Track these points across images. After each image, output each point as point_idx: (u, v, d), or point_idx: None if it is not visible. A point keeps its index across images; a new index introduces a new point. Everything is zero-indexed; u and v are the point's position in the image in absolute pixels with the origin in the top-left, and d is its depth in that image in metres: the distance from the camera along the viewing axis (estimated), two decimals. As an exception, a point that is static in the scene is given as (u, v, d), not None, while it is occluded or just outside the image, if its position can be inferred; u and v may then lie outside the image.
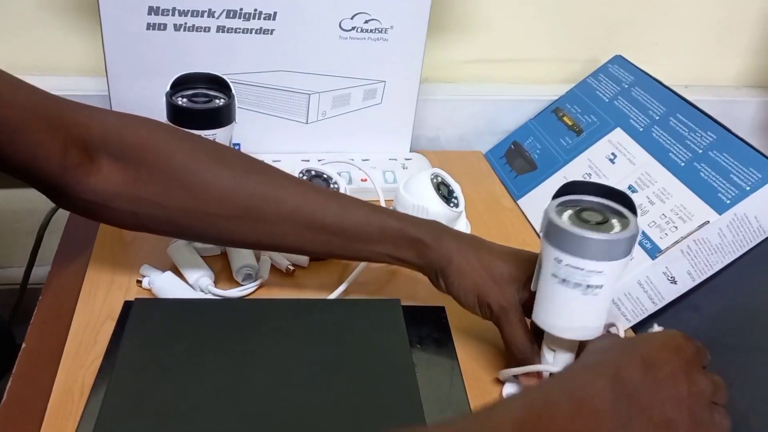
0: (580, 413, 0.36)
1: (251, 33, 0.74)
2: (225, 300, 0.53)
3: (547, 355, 0.51)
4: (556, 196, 0.51)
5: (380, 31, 0.77)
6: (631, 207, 0.50)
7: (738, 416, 0.56)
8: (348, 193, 0.65)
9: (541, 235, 0.49)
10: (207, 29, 0.72)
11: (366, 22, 0.76)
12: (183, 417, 0.40)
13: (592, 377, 0.38)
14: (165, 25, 0.71)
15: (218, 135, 0.63)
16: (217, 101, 0.63)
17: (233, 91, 0.64)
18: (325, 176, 0.68)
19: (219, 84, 0.64)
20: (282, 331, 0.47)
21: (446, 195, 0.68)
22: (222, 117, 0.63)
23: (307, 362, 0.44)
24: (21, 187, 0.92)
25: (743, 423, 0.55)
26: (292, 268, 0.65)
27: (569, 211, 0.48)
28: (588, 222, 0.47)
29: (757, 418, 0.55)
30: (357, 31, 0.76)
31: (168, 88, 0.63)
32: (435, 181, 0.68)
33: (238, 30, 0.73)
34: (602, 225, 0.47)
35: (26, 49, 0.85)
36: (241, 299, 0.54)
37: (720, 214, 0.64)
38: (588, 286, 0.46)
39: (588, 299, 0.47)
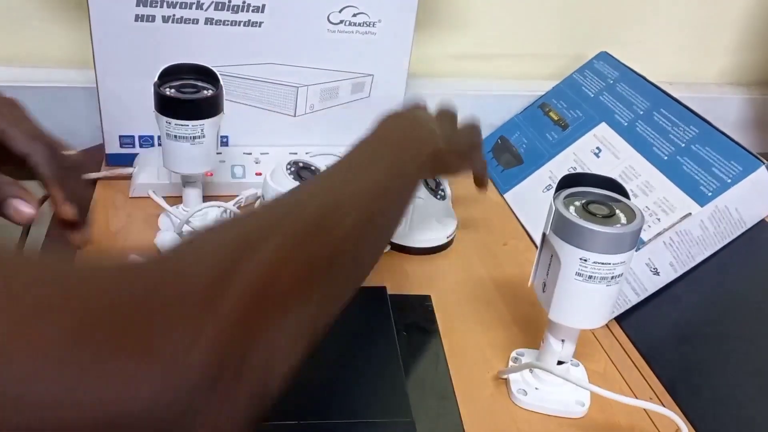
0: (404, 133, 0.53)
1: (239, 25, 0.74)
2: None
3: (555, 345, 0.52)
4: (558, 189, 0.51)
5: (368, 25, 0.77)
6: (623, 192, 0.50)
7: (719, 405, 0.57)
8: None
9: (548, 235, 0.49)
10: (195, 21, 0.72)
11: (354, 15, 0.76)
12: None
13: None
14: (153, 17, 0.71)
15: (206, 125, 0.63)
16: (205, 92, 0.63)
17: (221, 81, 0.64)
18: (313, 168, 0.69)
19: (207, 75, 0.65)
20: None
21: (433, 187, 0.69)
22: (209, 107, 0.63)
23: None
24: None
25: (725, 411, 0.56)
26: None
27: (572, 207, 0.48)
28: (595, 215, 0.47)
29: (737, 406, 0.56)
30: (345, 25, 0.77)
31: (156, 79, 0.63)
32: None
33: (226, 22, 0.73)
34: (611, 217, 0.47)
35: (13, 40, 0.84)
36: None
37: (702, 207, 0.65)
38: (612, 278, 0.47)
39: (610, 289, 0.48)
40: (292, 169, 0.68)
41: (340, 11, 0.76)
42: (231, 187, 0.76)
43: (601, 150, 0.79)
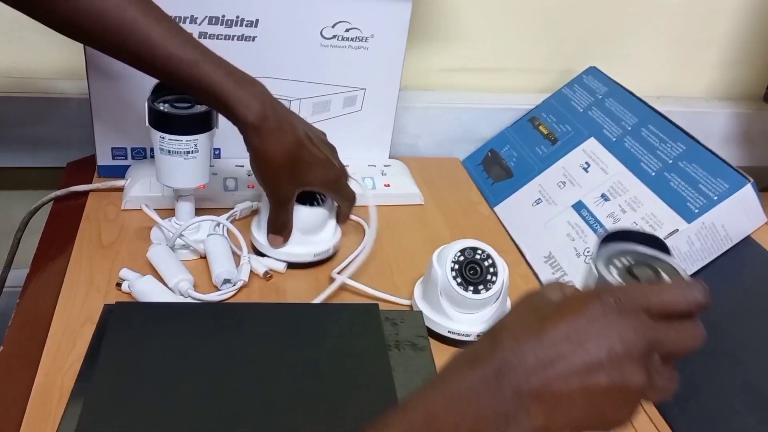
0: (464, 422, 0.32)
1: (233, 39, 0.74)
2: (205, 304, 0.54)
3: None
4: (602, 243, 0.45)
5: (361, 40, 0.78)
6: (665, 248, 0.45)
7: (706, 420, 0.58)
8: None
9: None
10: (189, 35, 0.73)
11: (347, 30, 0.77)
12: (163, 419, 0.40)
13: (471, 377, 0.33)
14: (147, 30, 0.71)
15: (199, 140, 0.63)
16: (199, 107, 0.63)
17: None
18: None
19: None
20: (262, 334, 0.48)
21: (472, 276, 0.60)
22: (203, 122, 0.63)
23: (285, 366, 0.45)
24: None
25: (712, 427, 0.57)
26: (270, 273, 0.66)
27: (613, 268, 0.43)
28: (640, 279, 0.42)
29: (724, 422, 0.57)
30: (338, 39, 0.77)
31: (150, 94, 0.63)
32: (461, 258, 0.61)
33: (220, 36, 0.74)
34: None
35: (6, 50, 0.84)
36: (221, 303, 0.54)
37: (689, 223, 0.66)
38: None
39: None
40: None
41: (333, 26, 0.76)
42: (224, 199, 0.76)
43: (590, 165, 0.80)
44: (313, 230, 0.68)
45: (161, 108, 0.62)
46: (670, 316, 0.34)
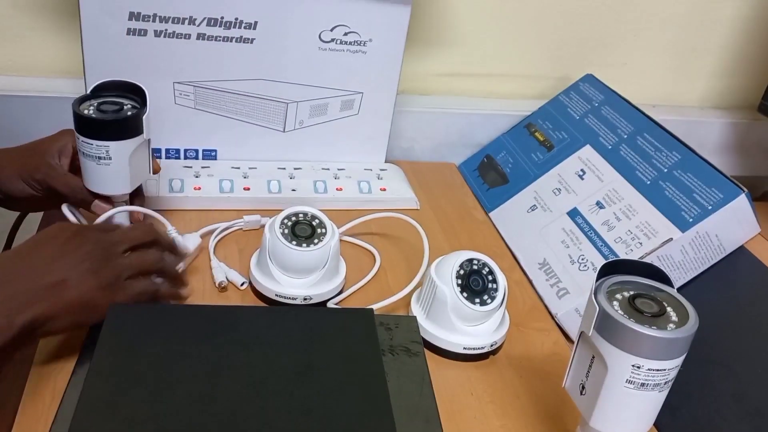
0: None
1: (231, 41, 0.74)
2: (201, 306, 0.54)
3: None
4: (599, 276, 0.45)
5: (359, 44, 0.78)
6: (665, 279, 0.46)
7: (698, 429, 0.58)
8: (326, 204, 0.65)
9: (590, 335, 0.43)
10: (187, 36, 0.73)
11: (345, 34, 0.77)
12: (157, 421, 0.40)
13: None
14: (145, 31, 0.71)
15: (111, 147, 0.60)
16: (127, 113, 0.61)
17: (147, 106, 0.61)
18: (317, 221, 0.64)
19: (139, 95, 0.62)
20: (257, 337, 0.48)
21: (475, 288, 0.61)
22: (118, 129, 0.60)
23: (279, 368, 0.45)
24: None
25: (702, 433, 0.58)
26: (225, 285, 0.65)
27: (616, 302, 0.43)
28: (643, 313, 0.42)
29: (715, 430, 0.57)
30: (336, 43, 0.77)
31: (88, 91, 0.62)
32: (462, 273, 0.61)
33: (218, 38, 0.74)
34: (661, 315, 0.42)
35: (1, 48, 0.84)
36: (216, 306, 0.54)
37: (683, 232, 0.66)
38: (665, 383, 0.43)
39: (662, 395, 0.44)
40: (291, 221, 0.64)
41: (331, 29, 0.76)
42: (219, 201, 0.76)
43: (585, 172, 0.80)
44: (310, 271, 0.63)
45: (76, 108, 0.60)
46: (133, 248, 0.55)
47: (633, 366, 0.42)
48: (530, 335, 0.66)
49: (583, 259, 0.72)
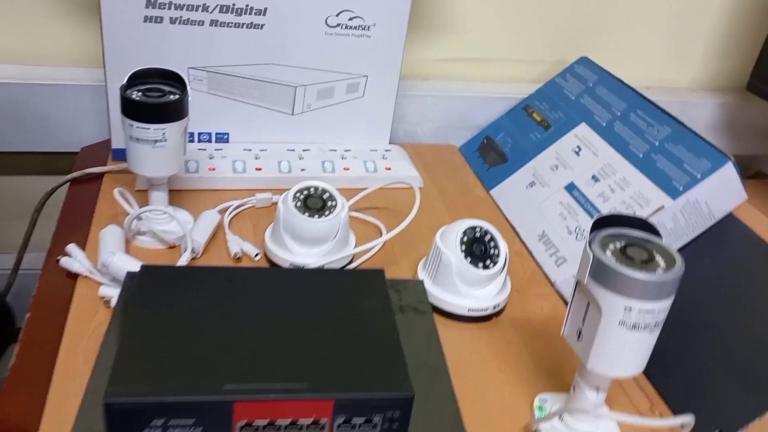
0: None
1: (242, 27, 0.78)
2: (223, 267, 0.57)
3: (590, 394, 0.51)
4: (592, 229, 0.49)
5: (363, 29, 0.82)
6: (654, 231, 0.49)
7: (690, 385, 0.61)
8: (334, 183, 0.68)
9: (585, 283, 0.47)
10: (201, 23, 0.76)
11: (350, 19, 0.81)
12: (189, 363, 0.44)
13: None
14: (161, 18, 0.75)
15: (167, 129, 0.63)
16: (171, 96, 0.64)
17: (188, 87, 0.65)
18: (327, 194, 0.68)
19: (175, 80, 0.66)
20: (274, 293, 0.51)
21: (479, 254, 0.65)
22: (172, 112, 0.63)
23: (297, 318, 0.49)
24: (7, 174, 0.95)
25: (695, 391, 0.61)
26: (240, 255, 0.68)
27: (609, 251, 0.46)
28: (634, 260, 0.46)
29: (706, 386, 0.61)
30: (342, 28, 0.81)
31: (125, 81, 0.64)
32: (466, 239, 0.65)
33: (230, 24, 0.77)
34: (650, 262, 0.46)
35: (21, 38, 0.87)
36: (237, 267, 0.58)
37: (674, 200, 0.70)
38: (656, 324, 0.46)
39: (653, 335, 0.47)
40: (302, 194, 0.68)
41: (337, 15, 0.80)
42: (233, 181, 0.80)
43: (581, 149, 0.84)
44: (321, 241, 0.67)
45: (131, 96, 0.63)
46: None
47: (625, 308, 0.45)
48: (530, 300, 0.70)
49: (579, 230, 0.76)
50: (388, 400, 0.43)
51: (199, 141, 0.85)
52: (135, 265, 0.60)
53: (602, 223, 0.49)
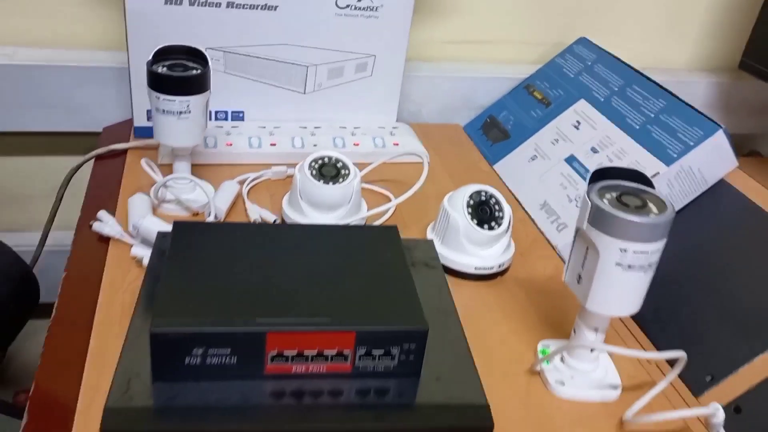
0: None
1: (257, 9, 0.82)
2: (250, 223, 0.62)
3: (589, 334, 0.55)
4: (590, 181, 0.53)
5: (371, 9, 0.86)
6: (648, 182, 0.53)
7: (685, 337, 0.65)
8: (345, 156, 0.73)
9: (585, 229, 0.51)
10: (218, 5, 0.81)
11: (359, 0, 0.85)
12: (226, 303, 0.48)
13: None
14: (181, 1, 0.79)
15: (191, 101, 0.68)
16: (194, 71, 0.68)
17: (209, 62, 0.69)
18: (341, 163, 0.72)
19: (197, 56, 0.70)
20: (299, 243, 0.55)
21: (484, 216, 0.69)
22: (195, 85, 0.67)
23: (321, 266, 0.53)
24: (32, 154, 0.99)
25: (689, 343, 0.64)
26: (259, 221, 0.72)
27: (605, 200, 0.50)
28: (629, 206, 0.49)
29: (699, 339, 0.64)
30: (351, 9, 0.85)
31: (150, 57, 0.68)
32: (471, 202, 0.69)
33: (245, 6, 0.82)
34: (643, 207, 0.50)
35: (45, 22, 0.91)
36: (265, 224, 0.62)
37: (668, 166, 0.74)
38: (649, 265, 0.50)
39: (647, 276, 0.51)
40: (317, 164, 0.72)
41: (346, -3, 0.84)
42: (249, 156, 0.84)
43: (580, 123, 0.88)
44: (336, 207, 0.71)
45: (157, 70, 0.67)
46: None
47: (621, 249, 0.49)
48: (533, 261, 0.74)
49: (579, 198, 0.80)
50: (404, 333, 0.48)
51: (216, 119, 0.89)
52: (164, 227, 0.65)
53: (600, 175, 0.54)
